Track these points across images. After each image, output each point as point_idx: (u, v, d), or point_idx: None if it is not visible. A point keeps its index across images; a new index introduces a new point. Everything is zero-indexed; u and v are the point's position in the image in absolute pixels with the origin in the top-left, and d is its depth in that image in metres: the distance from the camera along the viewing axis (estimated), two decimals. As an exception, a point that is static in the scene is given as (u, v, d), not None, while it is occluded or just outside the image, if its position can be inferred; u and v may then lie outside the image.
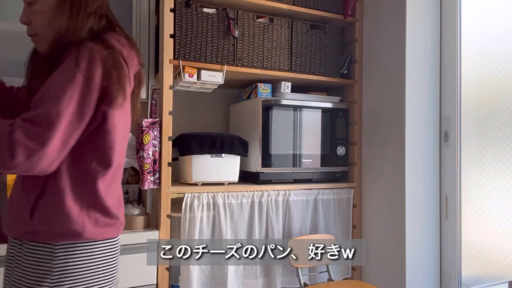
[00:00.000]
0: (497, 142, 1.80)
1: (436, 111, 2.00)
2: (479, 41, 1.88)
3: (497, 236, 1.78)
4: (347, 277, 2.17)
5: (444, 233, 1.98)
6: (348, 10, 2.14)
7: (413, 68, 1.94)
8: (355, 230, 2.18)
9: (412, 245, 1.91)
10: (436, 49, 2.01)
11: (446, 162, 1.98)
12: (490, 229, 1.81)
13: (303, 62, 2.08)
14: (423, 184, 1.96)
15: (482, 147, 1.86)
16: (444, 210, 1.97)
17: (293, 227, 1.97)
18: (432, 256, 1.97)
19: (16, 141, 0.86)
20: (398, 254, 1.93)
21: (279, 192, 1.95)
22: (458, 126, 1.93)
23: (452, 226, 1.94)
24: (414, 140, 1.93)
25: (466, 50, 1.93)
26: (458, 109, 1.94)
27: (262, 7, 1.98)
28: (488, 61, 1.84)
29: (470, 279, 1.89)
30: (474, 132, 1.90)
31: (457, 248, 1.92)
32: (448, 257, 1.96)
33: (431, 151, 1.99)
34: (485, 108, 1.86)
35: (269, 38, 1.99)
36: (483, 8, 1.88)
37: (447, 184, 1.97)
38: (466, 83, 1.93)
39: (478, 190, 1.87)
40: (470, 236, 1.89)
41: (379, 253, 2.05)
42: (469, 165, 1.91)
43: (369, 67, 2.16)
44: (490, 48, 1.84)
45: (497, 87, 1.81)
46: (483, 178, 1.85)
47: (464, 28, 1.94)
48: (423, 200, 1.96)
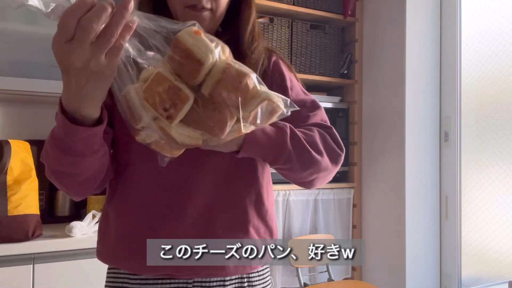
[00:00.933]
0: (497, 142, 1.80)
1: (436, 111, 2.00)
2: (479, 41, 1.88)
3: (497, 236, 1.78)
4: (347, 277, 2.17)
5: (444, 233, 1.98)
6: (348, 10, 2.14)
7: (413, 68, 1.94)
8: (355, 230, 2.18)
9: (412, 245, 1.91)
10: (436, 49, 2.01)
11: (446, 162, 1.98)
12: (490, 229, 1.81)
13: (303, 62, 2.08)
14: (423, 184, 1.96)
15: (482, 147, 1.86)
16: (444, 210, 1.97)
17: (293, 227, 1.97)
18: (432, 256, 1.97)
19: (337, 137, 0.79)
20: (398, 254, 1.93)
21: (279, 192, 1.95)
22: (458, 126, 1.93)
23: (452, 226, 1.94)
24: (414, 140, 1.93)
25: (466, 50, 1.93)
26: (458, 109, 1.93)
27: (262, 7, 1.98)
28: (488, 61, 1.84)
29: (470, 279, 1.89)
30: (474, 132, 1.90)
31: (457, 248, 1.92)
32: (448, 257, 1.96)
33: (431, 151, 1.99)
34: (485, 108, 1.86)
35: (269, 38, 1.99)
36: (483, 8, 1.88)
37: (447, 184, 1.97)
38: (466, 83, 1.93)
39: (478, 190, 1.87)
40: (470, 236, 1.89)
41: (379, 253, 2.04)
42: (469, 165, 1.91)
43: (369, 67, 2.16)
44: (490, 48, 1.83)
45: (497, 87, 1.81)
46: (483, 178, 1.85)
47: (464, 28, 1.94)
48: (423, 200, 1.96)
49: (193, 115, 0.55)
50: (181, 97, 0.53)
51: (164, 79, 0.53)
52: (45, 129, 1.91)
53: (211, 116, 0.55)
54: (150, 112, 0.54)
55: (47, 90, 1.63)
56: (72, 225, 1.46)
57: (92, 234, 1.53)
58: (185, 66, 0.53)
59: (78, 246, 1.45)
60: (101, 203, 1.78)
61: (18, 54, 1.62)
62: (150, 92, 0.53)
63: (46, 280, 1.40)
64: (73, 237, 1.45)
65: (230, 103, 0.54)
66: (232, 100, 0.53)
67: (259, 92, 0.54)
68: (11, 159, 1.43)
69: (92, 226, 1.53)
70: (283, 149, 0.69)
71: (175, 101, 0.53)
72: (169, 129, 0.54)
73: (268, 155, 0.69)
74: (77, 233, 1.46)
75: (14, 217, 1.39)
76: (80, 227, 1.47)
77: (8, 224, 1.37)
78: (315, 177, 0.75)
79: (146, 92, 0.53)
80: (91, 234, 1.52)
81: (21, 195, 1.42)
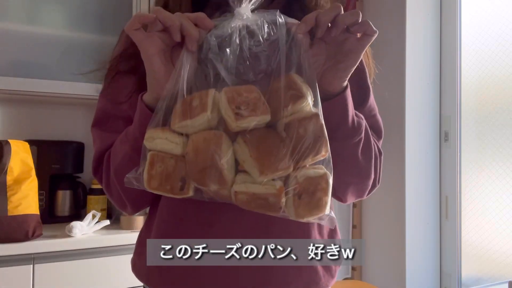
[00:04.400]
0: (497, 142, 1.80)
1: (436, 111, 2.00)
2: (479, 41, 1.88)
3: (497, 236, 1.78)
4: (347, 277, 2.17)
5: (444, 233, 1.98)
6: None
7: (413, 68, 1.94)
8: (355, 230, 2.18)
9: (412, 245, 1.91)
10: (436, 49, 2.01)
11: (446, 162, 1.98)
12: (490, 229, 1.81)
13: (303, 62, 2.08)
14: (423, 184, 1.96)
15: (482, 147, 1.86)
16: (444, 210, 1.97)
17: (293, 227, 1.97)
18: (432, 256, 1.97)
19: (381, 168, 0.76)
20: (398, 254, 1.93)
21: (279, 192, 1.95)
22: (458, 126, 1.93)
23: (452, 226, 1.94)
24: (414, 140, 1.93)
25: (466, 50, 1.93)
26: (458, 109, 1.93)
27: (262, 7, 1.98)
28: (488, 61, 1.84)
29: (470, 279, 1.89)
30: (474, 132, 1.90)
31: (457, 248, 1.91)
32: (448, 257, 1.96)
33: (431, 151, 1.99)
34: (485, 108, 1.86)
35: (269, 38, 1.99)
36: (483, 8, 1.88)
37: (447, 184, 1.97)
38: (466, 83, 1.93)
39: (478, 190, 1.87)
40: (470, 236, 1.89)
41: (379, 253, 2.04)
42: (469, 165, 1.91)
43: (369, 67, 2.15)
44: (490, 48, 1.83)
45: (497, 87, 1.81)
46: (483, 178, 1.84)
47: (464, 28, 1.94)
48: (423, 200, 1.96)
49: (259, 139, 0.51)
50: (262, 108, 0.50)
51: (255, 89, 0.52)
52: (45, 129, 1.93)
53: (269, 151, 0.51)
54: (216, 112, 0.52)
55: (47, 90, 1.63)
56: (72, 225, 1.47)
57: (92, 234, 1.53)
58: (280, 95, 0.52)
59: (78, 246, 1.45)
60: (101, 203, 1.78)
61: (18, 54, 1.62)
62: (234, 91, 0.51)
63: (46, 280, 1.40)
64: (73, 237, 1.45)
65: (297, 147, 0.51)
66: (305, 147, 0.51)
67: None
68: (11, 159, 1.43)
69: (92, 226, 1.53)
70: (360, 128, 0.66)
71: (255, 106, 0.50)
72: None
73: (351, 122, 0.65)
74: (77, 233, 1.46)
75: (14, 217, 1.39)
76: (80, 227, 1.48)
77: (8, 224, 1.37)
78: (357, 181, 0.72)
79: (229, 90, 0.52)
80: (91, 234, 1.52)
81: (21, 195, 1.42)
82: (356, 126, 0.66)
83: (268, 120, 0.52)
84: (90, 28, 1.72)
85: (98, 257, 1.48)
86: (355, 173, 0.71)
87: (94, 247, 1.47)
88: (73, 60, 1.67)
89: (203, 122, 0.52)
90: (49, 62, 1.66)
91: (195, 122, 0.52)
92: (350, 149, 0.67)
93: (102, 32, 1.72)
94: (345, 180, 0.71)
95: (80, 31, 1.72)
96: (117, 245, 1.50)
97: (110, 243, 1.50)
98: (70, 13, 1.71)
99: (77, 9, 1.72)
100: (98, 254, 1.48)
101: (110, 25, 1.73)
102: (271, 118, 0.52)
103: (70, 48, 1.69)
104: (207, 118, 0.52)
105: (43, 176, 1.65)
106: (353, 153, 0.68)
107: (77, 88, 1.65)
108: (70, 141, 1.83)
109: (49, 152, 1.73)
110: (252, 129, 0.51)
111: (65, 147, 1.80)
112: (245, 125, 0.50)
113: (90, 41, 1.70)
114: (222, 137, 0.52)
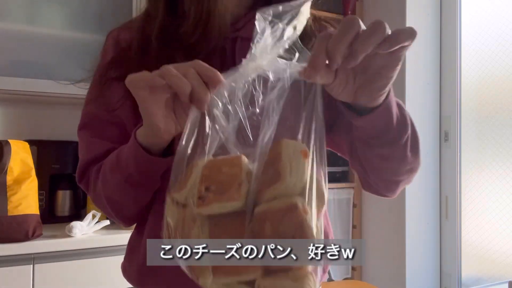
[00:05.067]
0: (497, 142, 1.80)
1: (436, 111, 2.00)
2: (479, 41, 1.88)
3: (497, 236, 1.78)
4: (347, 277, 2.17)
5: (444, 233, 1.98)
6: (348, 10, 2.14)
7: (413, 68, 1.94)
8: (355, 230, 2.18)
9: (412, 245, 1.91)
10: (436, 49, 2.01)
11: (446, 162, 1.98)
12: (490, 229, 1.81)
13: (303, 62, 2.08)
14: (423, 184, 1.96)
15: (482, 147, 1.86)
16: (444, 210, 1.97)
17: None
18: (432, 256, 1.97)
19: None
20: (398, 254, 1.93)
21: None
22: (458, 126, 1.93)
23: (452, 226, 1.94)
24: (414, 140, 1.93)
25: (466, 50, 1.93)
26: (458, 109, 1.93)
27: (262, 7, 1.98)
28: (488, 61, 1.84)
29: (470, 279, 1.89)
30: (474, 132, 1.89)
31: (457, 248, 1.91)
32: (448, 257, 1.96)
33: (431, 151, 1.98)
34: (485, 108, 1.86)
35: (269, 38, 1.99)
36: (483, 8, 1.88)
37: (447, 184, 1.97)
38: (466, 83, 1.93)
39: (478, 190, 1.87)
40: (470, 236, 1.89)
41: (379, 253, 2.04)
42: (469, 165, 1.91)
43: (369, 67, 2.15)
44: (490, 48, 1.83)
45: (497, 87, 1.81)
46: (483, 178, 1.85)
47: (464, 28, 1.94)
48: (423, 200, 1.95)
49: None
50: (231, 192, 0.42)
51: (238, 163, 0.43)
52: (45, 129, 1.93)
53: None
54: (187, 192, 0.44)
55: (47, 90, 1.63)
56: (72, 225, 1.46)
57: (92, 234, 1.53)
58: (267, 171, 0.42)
59: (78, 246, 1.45)
60: (101, 203, 1.77)
61: (18, 54, 1.62)
62: (214, 166, 0.44)
63: (46, 280, 1.40)
64: (73, 237, 1.45)
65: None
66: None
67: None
68: (11, 159, 1.43)
69: (92, 226, 1.53)
70: (406, 125, 0.63)
71: (225, 189, 0.41)
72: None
73: (396, 123, 0.61)
74: (77, 233, 1.46)
75: (14, 217, 1.39)
76: (80, 227, 1.47)
77: (8, 224, 1.37)
78: (407, 177, 0.70)
79: (210, 163, 0.44)
80: (91, 234, 1.52)
81: (21, 195, 1.42)
82: (402, 127, 0.63)
83: (238, 207, 0.43)
84: (90, 28, 1.72)
85: (98, 257, 1.48)
86: (405, 172, 0.69)
87: (94, 247, 1.47)
88: (73, 60, 1.67)
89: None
90: (49, 62, 1.66)
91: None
92: (399, 151, 0.65)
93: (102, 32, 1.71)
94: (395, 180, 0.69)
95: (80, 31, 1.72)
96: (117, 245, 1.50)
97: (110, 243, 1.50)
98: (70, 13, 1.71)
99: (77, 9, 1.72)
100: (98, 254, 1.48)
101: (110, 25, 1.73)
102: (253, 202, 0.43)
103: (70, 48, 1.69)
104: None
105: (43, 176, 1.65)
106: (402, 154, 0.66)
107: (77, 88, 1.64)
108: (70, 141, 1.83)
109: (49, 152, 1.73)
110: (218, 215, 0.44)
111: (65, 147, 1.79)
112: (207, 212, 0.44)
113: (90, 41, 1.70)
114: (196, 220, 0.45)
